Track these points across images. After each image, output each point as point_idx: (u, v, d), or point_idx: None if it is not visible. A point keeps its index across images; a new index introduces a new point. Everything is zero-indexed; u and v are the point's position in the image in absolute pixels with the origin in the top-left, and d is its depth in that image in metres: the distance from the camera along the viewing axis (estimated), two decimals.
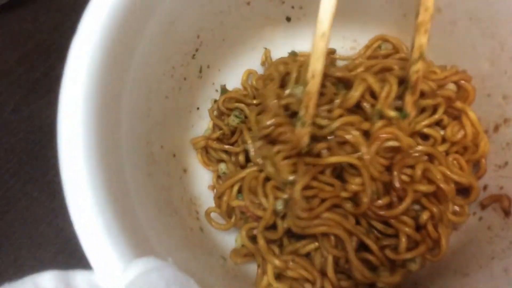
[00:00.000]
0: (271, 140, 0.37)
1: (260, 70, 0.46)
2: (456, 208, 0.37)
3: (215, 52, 0.43)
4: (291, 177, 0.35)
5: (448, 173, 0.36)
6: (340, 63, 0.45)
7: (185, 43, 0.40)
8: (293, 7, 0.44)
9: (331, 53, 0.43)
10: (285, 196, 0.36)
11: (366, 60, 0.40)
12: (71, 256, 0.40)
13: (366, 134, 0.36)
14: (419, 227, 0.36)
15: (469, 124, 0.38)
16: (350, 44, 0.47)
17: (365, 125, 0.36)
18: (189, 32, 0.39)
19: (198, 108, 0.44)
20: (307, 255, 0.37)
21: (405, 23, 0.42)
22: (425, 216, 0.35)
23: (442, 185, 0.35)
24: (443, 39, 0.40)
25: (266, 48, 0.46)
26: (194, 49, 0.41)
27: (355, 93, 0.36)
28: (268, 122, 0.36)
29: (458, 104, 0.38)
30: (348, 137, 0.35)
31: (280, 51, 0.46)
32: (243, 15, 0.42)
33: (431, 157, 0.37)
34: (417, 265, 0.35)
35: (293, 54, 0.44)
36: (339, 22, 0.45)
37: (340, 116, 0.36)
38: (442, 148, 0.38)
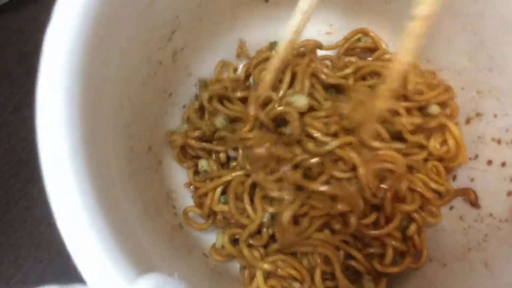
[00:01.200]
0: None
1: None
2: (433, 209, 0.38)
3: (191, 33, 0.40)
4: (277, 194, 0.35)
5: (428, 181, 0.37)
6: (319, 52, 0.44)
7: (164, 25, 0.36)
8: None
9: (318, 47, 0.42)
10: (273, 209, 0.35)
11: (353, 60, 0.39)
12: (71, 256, 0.39)
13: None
14: (404, 236, 0.36)
15: (452, 139, 0.38)
16: (326, 28, 0.46)
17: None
18: (168, 13, 0.36)
19: (170, 94, 0.41)
20: (293, 254, 0.36)
21: (387, 10, 0.41)
22: (413, 228, 0.36)
23: (428, 195, 0.36)
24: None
25: (241, 41, 0.44)
26: (172, 31, 0.37)
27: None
28: (249, 135, 0.35)
29: (442, 119, 0.38)
30: (347, 157, 0.34)
31: (257, 34, 0.43)
32: None
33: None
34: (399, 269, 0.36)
35: (273, 44, 0.42)
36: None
37: (335, 131, 0.35)
38: (422, 155, 0.38)
